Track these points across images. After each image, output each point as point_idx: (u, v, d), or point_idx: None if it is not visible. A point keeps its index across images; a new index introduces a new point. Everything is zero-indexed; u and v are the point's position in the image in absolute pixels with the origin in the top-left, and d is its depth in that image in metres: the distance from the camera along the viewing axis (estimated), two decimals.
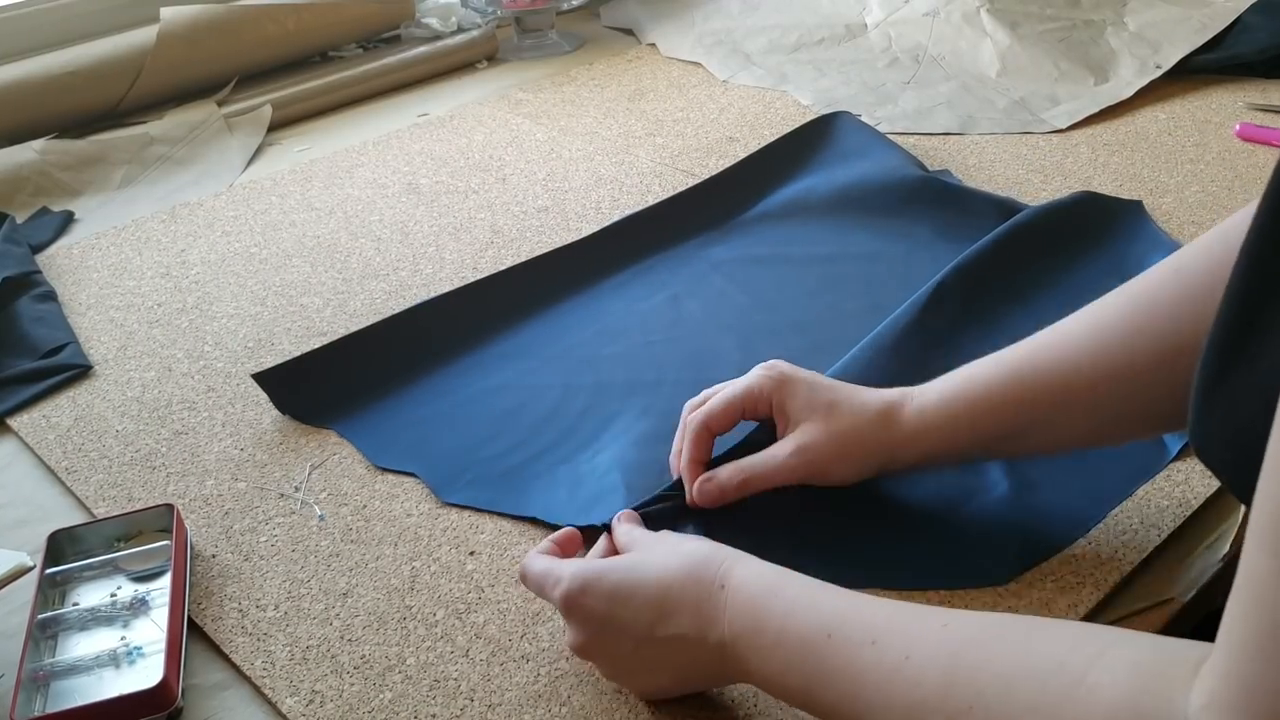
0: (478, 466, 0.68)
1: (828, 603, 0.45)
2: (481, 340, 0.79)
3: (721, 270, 0.86)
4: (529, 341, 0.79)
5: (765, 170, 0.98)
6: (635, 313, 0.82)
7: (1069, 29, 1.21)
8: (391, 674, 0.55)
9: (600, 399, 0.73)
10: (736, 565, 0.48)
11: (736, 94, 1.21)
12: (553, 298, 0.84)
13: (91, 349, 0.83)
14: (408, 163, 1.10)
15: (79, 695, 0.54)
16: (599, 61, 1.34)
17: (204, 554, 0.63)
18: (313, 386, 0.74)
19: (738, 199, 0.95)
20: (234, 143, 1.17)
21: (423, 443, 0.70)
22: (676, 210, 0.93)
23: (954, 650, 0.40)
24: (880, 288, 0.81)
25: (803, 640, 0.44)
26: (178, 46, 1.20)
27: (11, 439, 0.75)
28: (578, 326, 0.81)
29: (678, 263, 0.87)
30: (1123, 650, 0.36)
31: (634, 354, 0.77)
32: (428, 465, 0.68)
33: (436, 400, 0.74)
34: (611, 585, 0.49)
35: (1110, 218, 0.85)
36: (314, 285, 0.90)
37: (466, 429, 0.71)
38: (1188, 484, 0.62)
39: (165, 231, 1.01)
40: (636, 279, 0.86)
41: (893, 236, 0.88)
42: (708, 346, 0.77)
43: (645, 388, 0.73)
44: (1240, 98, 1.09)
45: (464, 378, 0.76)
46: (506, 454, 0.69)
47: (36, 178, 1.09)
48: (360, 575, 0.61)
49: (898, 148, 0.98)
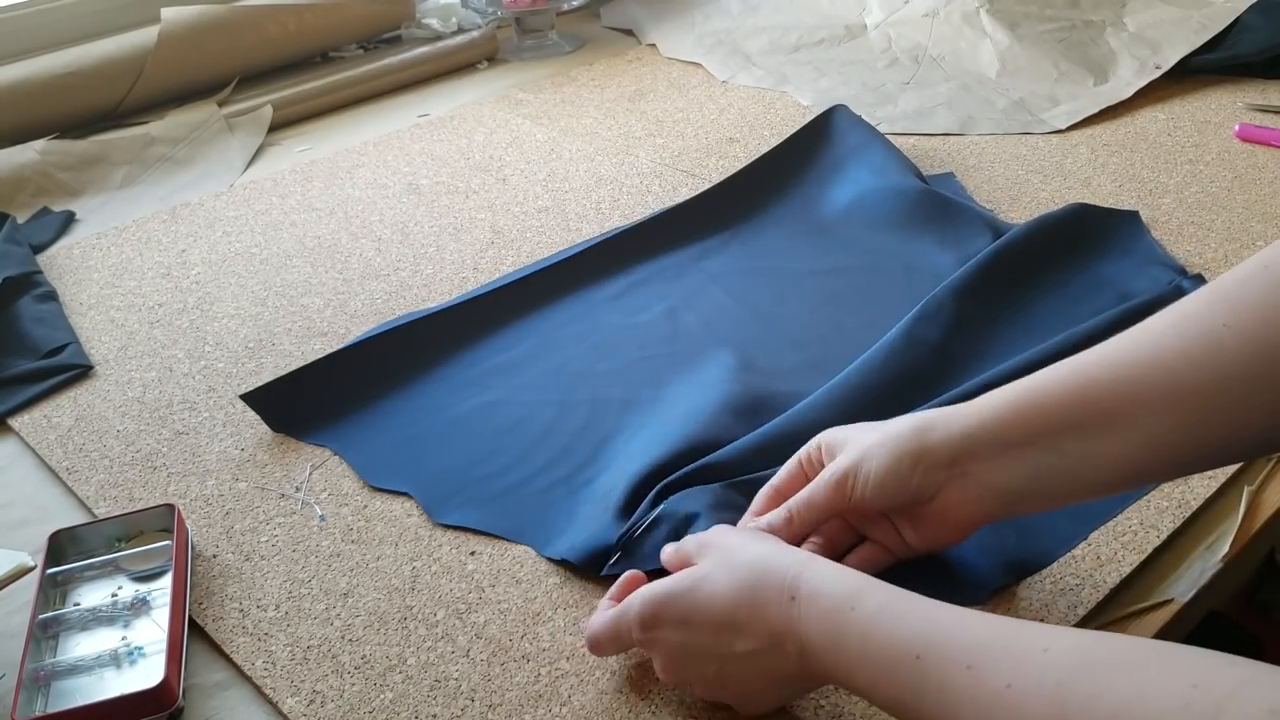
0: (472, 486, 0.66)
1: (914, 617, 0.43)
2: (475, 355, 0.78)
3: (719, 282, 0.85)
4: (524, 356, 0.78)
5: (763, 179, 0.96)
6: (632, 326, 0.80)
7: (1068, 29, 1.21)
8: (392, 674, 0.55)
9: (597, 415, 0.71)
10: (805, 571, 0.46)
11: (736, 94, 1.21)
12: (547, 312, 0.82)
13: (92, 349, 0.84)
14: (408, 163, 1.10)
15: (80, 695, 0.54)
16: (599, 62, 1.34)
17: (205, 554, 0.63)
18: (305, 403, 0.73)
19: (735, 209, 0.93)
20: (235, 143, 1.17)
21: (416, 461, 0.69)
22: (673, 221, 0.91)
23: (1060, 680, 0.37)
24: (880, 302, 0.80)
25: (889, 659, 0.42)
26: (179, 47, 1.20)
27: (12, 439, 0.75)
28: (574, 341, 0.79)
29: (674, 274, 0.86)
30: (1257, 690, 0.33)
31: (631, 369, 0.76)
32: (421, 484, 0.67)
33: (430, 416, 0.73)
34: (680, 612, 0.48)
35: (1105, 230, 0.84)
36: (314, 285, 0.90)
37: (461, 447, 0.70)
38: (1187, 485, 0.62)
39: (166, 232, 1.01)
40: (632, 291, 0.84)
41: (892, 250, 0.87)
42: (706, 362, 0.75)
43: (642, 404, 0.72)
44: (1239, 98, 1.09)
45: (458, 393, 0.75)
46: (502, 473, 0.67)
47: (37, 178, 1.09)
48: (361, 575, 0.61)
49: (895, 151, 0.97)
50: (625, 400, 0.72)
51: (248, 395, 0.72)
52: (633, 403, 0.72)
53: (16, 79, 1.14)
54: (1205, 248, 0.84)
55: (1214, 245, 0.84)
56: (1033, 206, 0.92)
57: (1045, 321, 0.75)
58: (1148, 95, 1.11)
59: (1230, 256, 0.82)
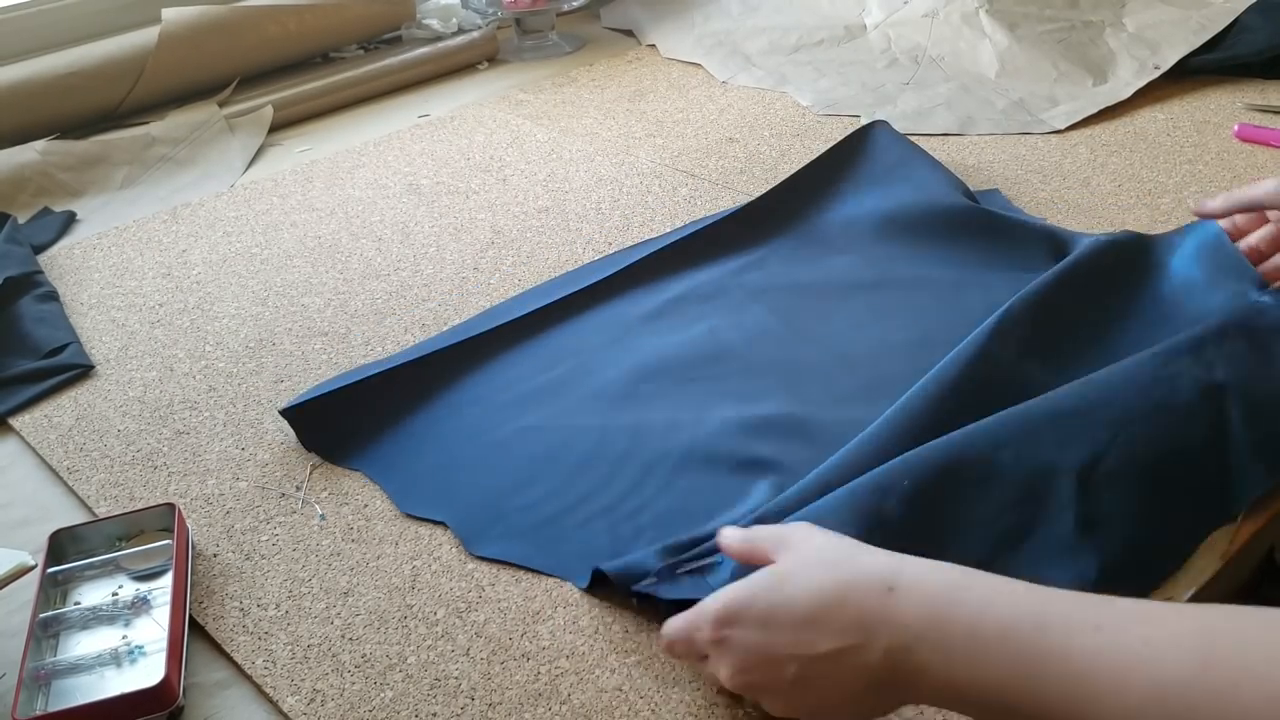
0: (510, 517, 0.63)
1: (1030, 595, 0.42)
2: (512, 377, 0.75)
3: (761, 299, 0.81)
4: (562, 379, 0.74)
5: (799, 194, 0.92)
6: (671, 346, 0.76)
7: (1068, 30, 1.21)
8: (392, 673, 0.55)
9: (640, 441, 0.68)
10: (905, 564, 0.45)
11: (736, 95, 1.21)
12: (583, 331, 0.79)
13: (93, 349, 0.84)
14: (409, 163, 1.10)
15: (80, 694, 0.54)
16: (599, 62, 1.34)
17: (205, 553, 0.63)
18: (340, 424, 0.71)
19: (771, 223, 0.90)
20: (235, 143, 1.17)
21: (452, 488, 0.66)
22: (707, 235, 0.88)
23: (1201, 628, 0.38)
24: (928, 318, 0.77)
25: (1004, 632, 0.41)
26: (179, 47, 1.21)
27: (13, 439, 0.75)
28: (612, 363, 0.75)
29: (712, 291, 0.82)
30: None
31: (673, 391, 0.72)
32: (457, 514, 0.64)
33: (467, 441, 0.70)
34: (762, 610, 0.46)
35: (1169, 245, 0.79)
36: (315, 285, 0.90)
37: (498, 474, 0.67)
38: None
39: (167, 232, 1.01)
40: (669, 310, 0.81)
41: (939, 264, 0.83)
42: (751, 383, 0.72)
43: (687, 427, 0.68)
44: (1239, 98, 1.09)
45: (495, 417, 0.71)
46: (540, 503, 0.64)
47: (38, 178, 1.09)
48: (361, 574, 0.61)
49: (941, 167, 0.93)
50: (670, 425, 0.69)
51: (286, 410, 0.71)
52: (677, 428, 0.68)
53: (17, 79, 1.14)
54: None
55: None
56: (1031, 206, 0.93)
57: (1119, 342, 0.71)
58: (1147, 95, 1.11)
59: None
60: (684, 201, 0.98)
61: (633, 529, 0.62)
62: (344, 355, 0.80)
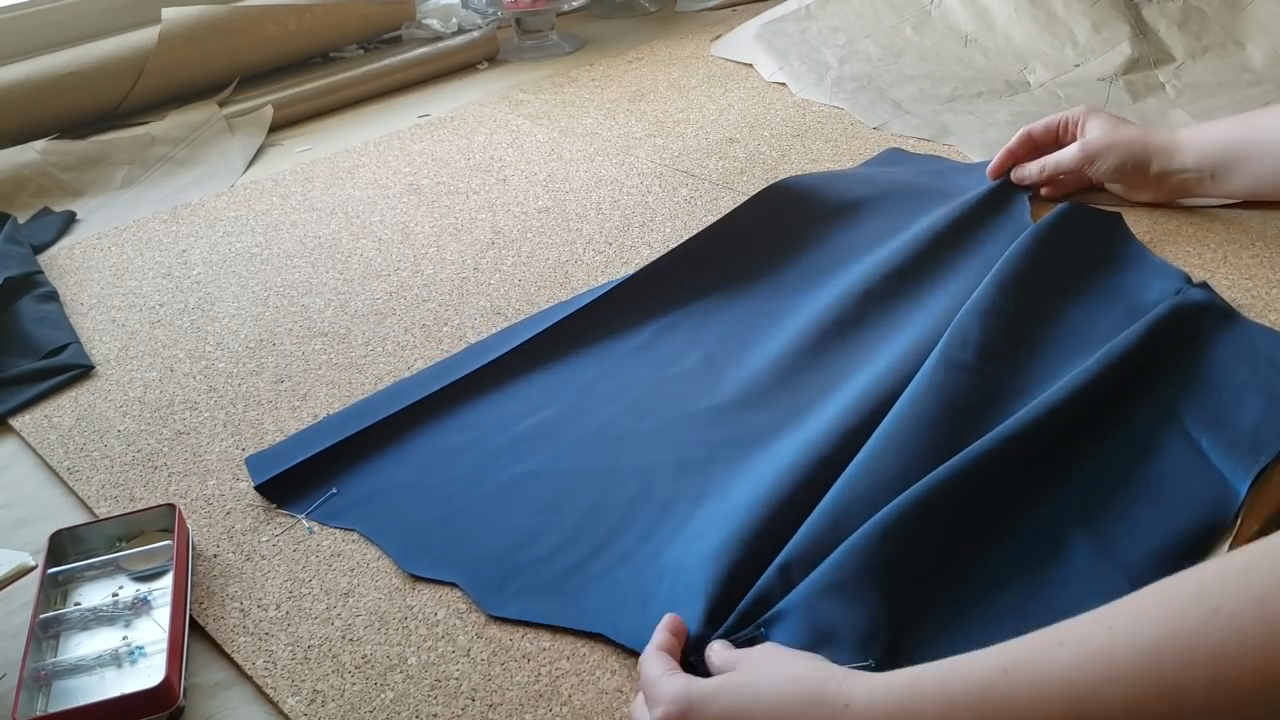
0: (525, 573, 0.60)
1: (985, 653, 0.43)
2: (504, 419, 0.71)
3: (754, 325, 0.79)
4: (556, 419, 0.71)
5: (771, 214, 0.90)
6: (668, 379, 0.73)
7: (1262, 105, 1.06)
8: (393, 673, 0.55)
9: (649, 484, 0.65)
10: (859, 679, 0.45)
11: (736, 95, 1.21)
12: (573, 366, 0.75)
13: (93, 349, 0.84)
14: (409, 163, 1.10)
15: (81, 695, 0.54)
16: (599, 62, 1.34)
17: (205, 554, 0.63)
18: (324, 485, 0.67)
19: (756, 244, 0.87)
20: (235, 143, 1.17)
21: (456, 544, 0.62)
22: (692, 258, 0.85)
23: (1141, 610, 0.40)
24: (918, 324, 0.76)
25: (974, 686, 0.42)
26: (179, 47, 1.21)
27: (13, 439, 0.75)
28: (608, 399, 0.72)
29: (704, 316, 0.80)
30: None
31: (676, 428, 0.69)
32: (468, 573, 0.60)
33: (464, 491, 0.66)
34: (721, 710, 0.45)
35: (1100, 235, 0.82)
36: (315, 285, 0.90)
37: (503, 527, 0.63)
38: None
39: (167, 232, 1.01)
40: (660, 339, 0.78)
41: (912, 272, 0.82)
42: (756, 416, 0.69)
43: (696, 468, 0.65)
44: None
45: (491, 464, 0.68)
46: (554, 555, 0.61)
47: (38, 178, 1.09)
48: (361, 575, 0.61)
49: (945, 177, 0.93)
50: (677, 464, 0.66)
51: (261, 487, 0.67)
52: (685, 465, 0.66)
53: (17, 79, 1.14)
54: (1204, 248, 0.83)
55: (1212, 247, 0.84)
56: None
57: (1066, 336, 0.73)
58: None
59: (1229, 258, 0.82)
60: (684, 202, 0.98)
61: (656, 570, 0.59)
62: (344, 355, 0.80)
